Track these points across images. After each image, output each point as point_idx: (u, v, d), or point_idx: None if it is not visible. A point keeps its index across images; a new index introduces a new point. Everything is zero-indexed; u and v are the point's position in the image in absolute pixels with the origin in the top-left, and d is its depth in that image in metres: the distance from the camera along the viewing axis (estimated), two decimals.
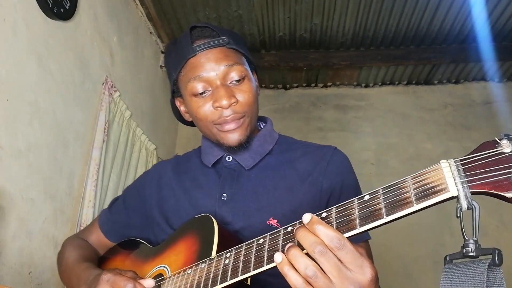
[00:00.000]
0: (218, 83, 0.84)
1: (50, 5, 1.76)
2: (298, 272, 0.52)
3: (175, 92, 0.95)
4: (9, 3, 1.54)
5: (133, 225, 1.02)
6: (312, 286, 0.51)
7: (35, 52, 1.68)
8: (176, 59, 0.89)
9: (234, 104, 0.84)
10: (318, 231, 0.51)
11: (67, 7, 1.90)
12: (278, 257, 0.54)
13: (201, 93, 0.85)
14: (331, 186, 0.86)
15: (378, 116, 3.63)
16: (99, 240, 1.05)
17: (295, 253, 0.52)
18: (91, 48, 2.17)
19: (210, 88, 0.85)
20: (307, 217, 0.54)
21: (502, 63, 3.39)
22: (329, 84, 3.78)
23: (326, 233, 0.51)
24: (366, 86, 3.76)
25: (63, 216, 1.84)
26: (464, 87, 3.66)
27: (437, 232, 3.05)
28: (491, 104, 3.55)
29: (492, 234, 3.05)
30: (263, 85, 3.82)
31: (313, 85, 3.80)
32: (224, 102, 0.82)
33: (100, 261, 1.04)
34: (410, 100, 3.67)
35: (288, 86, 3.82)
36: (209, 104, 0.84)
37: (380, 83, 3.74)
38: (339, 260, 0.50)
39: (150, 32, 3.08)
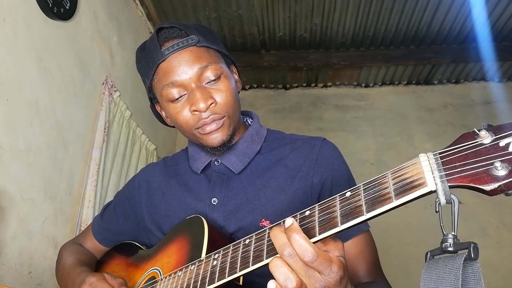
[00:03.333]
0: (193, 86, 0.80)
1: (50, 5, 1.75)
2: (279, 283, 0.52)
3: (153, 99, 0.92)
4: (9, 3, 1.54)
5: (126, 233, 1.02)
6: None
7: (35, 52, 1.68)
8: (146, 65, 0.85)
9: (212, 105, 0.80)
10: (292, 240, 0.51)
11: (67, 7, 1.90)
12: (272, 284, 0.53)
13: (177, 99, 0.82)
14: (321, 179, 0.83)
15: (378, 116, 3.63)
16: (95, 246, 1.06)
17: (276, 263, 0.52)
18: (91, 48, 2.17)
19: (185, 92, 0.81)
20: (288, 222, 0.53)
21: (502, 63, 3.39)
22: (329, 84, 3.78)
23: (300, 244, 0.50)
24: (366, 86, 3.76)
25: (63, 216, 1.84)
26: (464, 87, 3.67)
27: (438, 232, 3.03)
28: (491, 104, 3.55)
29: (492, 234, 3.05)
30: (263, 85, 3.82)
31: (313, 85, 3.80)
32: (201, 105, 0.78)
33: (98, 264, 1.05)
34: (410, 100, 3.67)
35: (288, 86, 3.82)
36: (187, 109, 0.81)
37: (380, 83, 3.74)
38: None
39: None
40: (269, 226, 0.59)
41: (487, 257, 2.87)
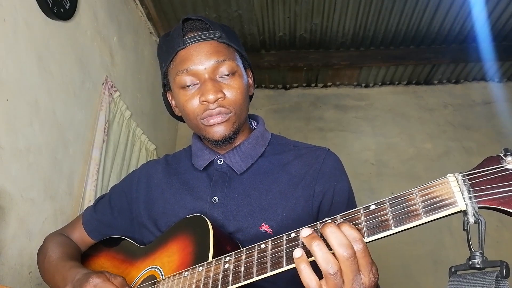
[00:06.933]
0: (206, 77, 0.82)
1: (50, 5, 1.75)
2: (318, 263, 0.51)
3: (166, 85, 0.94)
4: (9, 3, 1.54)
5: (118, 227, 1.01)
6: (325, 285, 0.51)
7: (35, 52, 1.68)
8: (166, 51, 0.88)
9: (221, 99, 0.82)
10: (344, 231, 0.52)
11: (67, 7, 1.90)
12: (298, 252, 0.53)
13: (188, 86, 0.83)
14: (323, 189, 0.85)
15: (378, 116, 3.63)
16: (82, 238, 1.03)
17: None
18: (91, 48, 2.17)
19: (198, 82, 0.83)
20: (330, 221, 0.54)
21: (502, 63, 3.39)
22: (329, 84, 3.78)
23: (352, 234, 0.51)
24: (366, 86, 3.76)
25: (63, 216, 1.83)
26: (464, 87, 3.67)
27: (437, 232, 3.05)
28: (491, 104, 3.55)
29: (492, 234, 3.05)
30: (263, 85, 3.82)
31: (313, 85, 3.80)
32: (211, 97, 0.80)
33: (85, 258, 1.02)
34: (410, 100, 3.67)
35: (288, 86, 3.81)
36: (196, 98, 0.83)
37: (380, 83, 3.74)
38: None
39: (150, 32, 3.08)
40: (286, 233, 0.59)
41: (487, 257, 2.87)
